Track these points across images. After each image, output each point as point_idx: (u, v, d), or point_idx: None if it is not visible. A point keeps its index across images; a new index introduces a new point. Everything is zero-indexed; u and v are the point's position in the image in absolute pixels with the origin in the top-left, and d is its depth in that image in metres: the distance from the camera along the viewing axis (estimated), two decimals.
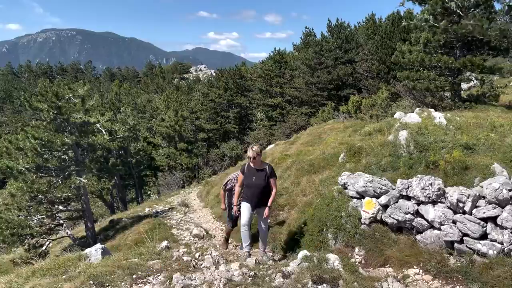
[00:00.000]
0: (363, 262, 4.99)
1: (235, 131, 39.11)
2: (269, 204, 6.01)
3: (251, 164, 6.13)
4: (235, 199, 6.89)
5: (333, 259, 4.26)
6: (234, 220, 7.60)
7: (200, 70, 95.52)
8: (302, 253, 4.53)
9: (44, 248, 12.95)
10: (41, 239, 12.92)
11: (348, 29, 34.32)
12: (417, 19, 10.31)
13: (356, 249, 5.26)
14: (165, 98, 40.13)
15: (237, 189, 6.58)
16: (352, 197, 5.80)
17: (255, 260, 4.94)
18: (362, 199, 5.63)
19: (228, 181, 7.56)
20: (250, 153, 6.03)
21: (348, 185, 5.93)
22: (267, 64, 38.38)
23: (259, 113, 37.57)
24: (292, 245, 6.70)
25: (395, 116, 9.93)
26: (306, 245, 6.11)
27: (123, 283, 4.72)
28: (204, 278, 4.51)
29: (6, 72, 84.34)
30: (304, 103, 34.25)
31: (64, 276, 5.38)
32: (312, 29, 37.45)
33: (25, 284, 5.65)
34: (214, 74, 68.38)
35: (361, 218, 5.43)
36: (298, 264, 4.20)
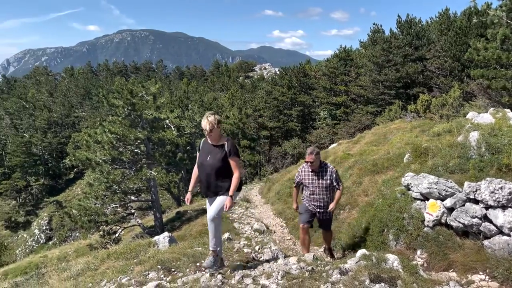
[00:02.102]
0: (425, 265, 4.87)
1: (298, 129, 39.03)
2: (230, 192, 4.54)
3: (208, 139, 4.82)
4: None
5: (393, 260, 4.22)
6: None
7: (265, 68, 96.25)
8: (361, 251, 4.53)
9: (117, 235, 13.93)
10: (114, 226, 13.92)
11: (419, 25, 32.80)
12: (490, 14, 9.70)
13: (418, 252, 5.14)
14: (230, 96, 41.10)
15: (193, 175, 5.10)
16: (416, 199, 5.66)
17: (313, 256, 5.01)
18: (426, 201, 5.47)
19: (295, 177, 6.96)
20: (204, 123, 4.64)
21: (412, 186, 5.79)
22: (332, 62, 37.84)
23: (322, 112, 37.18)
24: (351, 244, 6.67)
25: (467, 117, 9.45)
26: (365, 245, 6.07)
27: (187, 270, 5.03)
28: (263, 269, 4.68)
29: (86, 70, 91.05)
30: (370, 101, 33.35)
31: (135, 260, 5.83)
32: (381, 26, 36.30)
33: (101, 265, 6.20)
34: (278, 72, 68.64)
35: (424, 220, 5.29)
36: (356, 262, 4.22)
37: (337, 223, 7.82)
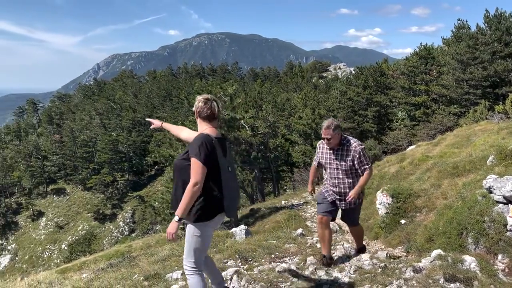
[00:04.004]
0: (506, 270, 4.69)
1: (373, 130, 37.99)
2: (177, 211, 3.06)
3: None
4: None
5: (470, 261, 4.16)
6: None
7: (339, 68, 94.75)
8: (436, 251, 4.50)
9: None
10: None
11: (510, 20, 30.35)
12: None
13: (499, 256, 4.94)
14: (303, 96, 41.16)
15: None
16: (498, 202, 5.42)
17: (387, 254, 5.05)
18: (509, 205, 5.23)
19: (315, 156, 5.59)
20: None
21: (494, 189, 5.55)
22: (411, 61, 36.31)
23: (400, 112, 35.82)
24: (427, 247, 6.54)
25: None
26: (442, 248, 5.93)
27: (263, 260, 5.33)
28: (336, 264, 4.82)
29: (166, 73, 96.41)
30: (453, 101, 31.49)
31: (214, 249, 6.27)
32: (466, 21, 34.13)
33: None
34: (353, 72, 67.16)
35: (506, 224, 5.07)
36: (431, 262, 4.22)
37: (412, 226, 7.67)
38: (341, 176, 4.67)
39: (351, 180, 4.67)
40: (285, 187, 36.88)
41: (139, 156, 61.22)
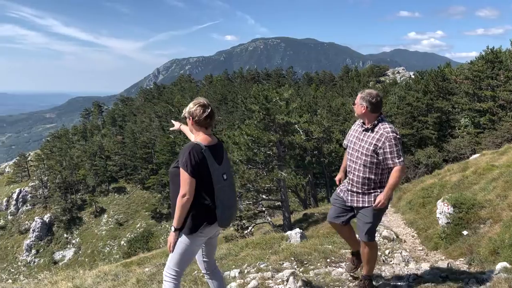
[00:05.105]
0: None
1: (433, 137, 36.41)
2: (174, 222, 3.14)
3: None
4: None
5: None
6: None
7: (398, 72, 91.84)
8: (502, 264, 4.33)
9: (249, 230, 15.02)
10: (247, 222, 15.03)
11: None
12: None
13: None
14: None
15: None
16: None
17: (448, 264, 4.92)
18: None
19: None
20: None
21: None
22: (476, 65, 34.46)
23: (463, 119, 34.07)
24: (491, 260, 6.25)
25: None
26: (508, 261, 5.65)
27: (318, 264, 5.38)
28: (394, 271, 4.77)
29: (222, 78, 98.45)
30: None
31: (270, 250, 6.41)
32: None
33: (240, 252, 6.93)
34: (412, 76, 64.87)
35: None
36: (495, 274, 4.07)
37: (476, 237, 7.35)
38: (356, 163, 3.77)
39: (369, 173, 3.70)
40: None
41: None
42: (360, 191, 3.78)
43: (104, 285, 6.10)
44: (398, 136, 3.65)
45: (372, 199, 3.72)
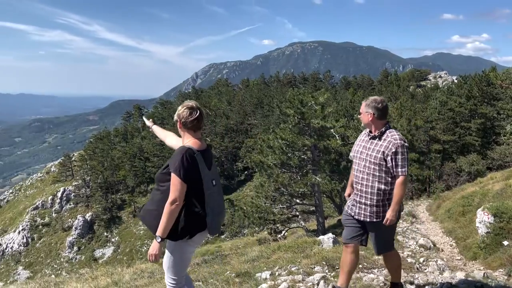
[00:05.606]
0: None
1: (477, 144, 34.99)
2: (158, 231, 2.99)
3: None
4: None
5: None
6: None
7: (440, 76, 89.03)
8: None
9: (282, 234, 15.04)
10: (280, 226, 15.06)
11: None
12: None
13: None
14: (398, 106, 39.42)
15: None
16: None
17: (484, 274, 4.76)
18: None
19: None
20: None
21: None
22: None
23: (509, 126, 32.51)
24: None
25: None
26: None
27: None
28: (427, 279, 4.68)
29: (259, 82, 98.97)
30: None
31: (302, 254, 6.43)
32: None
33: (272, 255, 6.99)
34: (455, 80, 62.77)
35: None
36: None
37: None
38: (364, 173, 3.65)
39: (377, 183, 3.57)
40: None
41: (230, 161, 63.58)
42: (369, 202, 3.62)
43: (140, 282, 6.34)
44: (406, 145, 3.56)
45: (381, 213, 3.58)
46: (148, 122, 3.93)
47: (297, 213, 15.56)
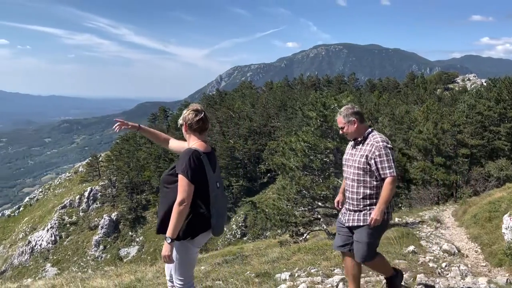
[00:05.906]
0: None
1: (506, 149, 34.01)
2: (167, 233, 3.00)
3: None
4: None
5: None
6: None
7: (468, 79, 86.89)
8: None
9: (304, 237, 15.03)
10: (302, 228, 15.04)
11: None
12: None
13: None
14: (424, 109, 38.76)
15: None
16: None
17: (507, 280, 4.68)
18: None
19: None
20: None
21: None
22: None
23: None
24: None
25: None
26: None
27: (370, 272, 5.34)
28: (448, 284, 4.63)
29: (283, 84, 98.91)
30: None
31: (322, 256, 6.46)
32: None
33: (292, 256, 7.04)
34: (484, 84, 61.20)
35: None
36: None
37: None
38: (351, 180, 3.69)
39: (363, 188, 3.59)
40: (400, 204, 34.94)
41: (253, 163, 63.75)
42: (356, 208, 3.65)
43: (163, 280, 6.49)
44: (389, 146, 3.58)
45: (368, 218, 3.57)
46: (132, 124, 3.88)
47: (319, 216, 15.51)
